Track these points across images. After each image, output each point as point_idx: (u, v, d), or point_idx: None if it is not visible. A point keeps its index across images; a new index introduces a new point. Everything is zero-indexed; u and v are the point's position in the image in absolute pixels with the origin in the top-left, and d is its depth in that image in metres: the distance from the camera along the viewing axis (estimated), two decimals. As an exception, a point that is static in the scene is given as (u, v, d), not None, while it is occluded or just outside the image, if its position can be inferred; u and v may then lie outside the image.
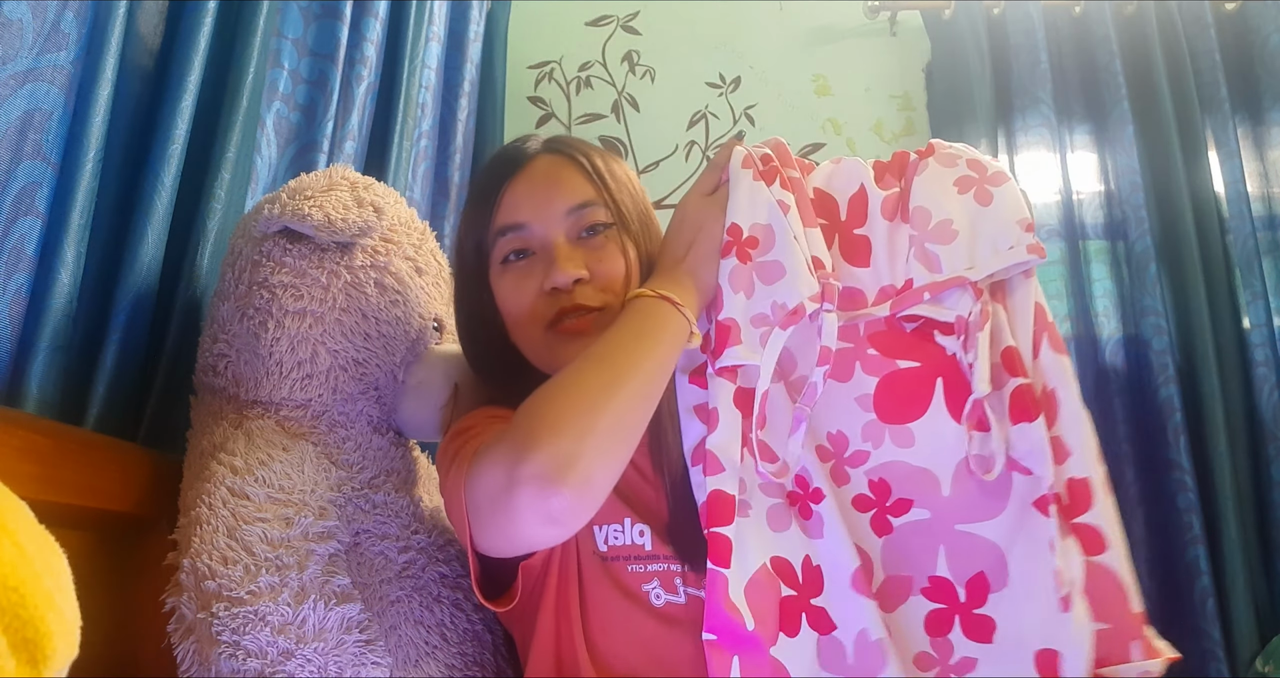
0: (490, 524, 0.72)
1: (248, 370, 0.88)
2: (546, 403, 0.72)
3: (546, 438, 0.68)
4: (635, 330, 0.77)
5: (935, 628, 0.75)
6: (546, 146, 0.94)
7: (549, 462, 0.67)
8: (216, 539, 0.74)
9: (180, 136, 0.95)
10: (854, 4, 1.95)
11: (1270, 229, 1.74)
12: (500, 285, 0.90)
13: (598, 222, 0.89)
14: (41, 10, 0.77)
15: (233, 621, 0.70)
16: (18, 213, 0.77)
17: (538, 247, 0.89)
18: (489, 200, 0.91)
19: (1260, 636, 1.54)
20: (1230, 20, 1.83)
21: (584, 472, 0.67)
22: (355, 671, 0.73)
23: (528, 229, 0.89)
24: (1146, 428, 1.67)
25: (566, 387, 0.73)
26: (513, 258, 0.89)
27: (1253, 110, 1.79)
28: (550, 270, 0.86)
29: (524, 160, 0.92)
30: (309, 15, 1.23)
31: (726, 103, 1.94)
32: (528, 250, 0.89)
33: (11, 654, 0.41)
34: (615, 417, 0.71)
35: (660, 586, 0.81)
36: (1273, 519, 1.60)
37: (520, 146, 0.94)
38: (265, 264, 0.88)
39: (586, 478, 0.68)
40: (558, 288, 0.86)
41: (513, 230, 0.89)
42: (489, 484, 0.70)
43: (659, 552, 0.82)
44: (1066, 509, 0.76)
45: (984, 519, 0.77)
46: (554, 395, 0.72)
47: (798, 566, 0.77)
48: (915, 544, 0.78)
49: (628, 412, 0.72)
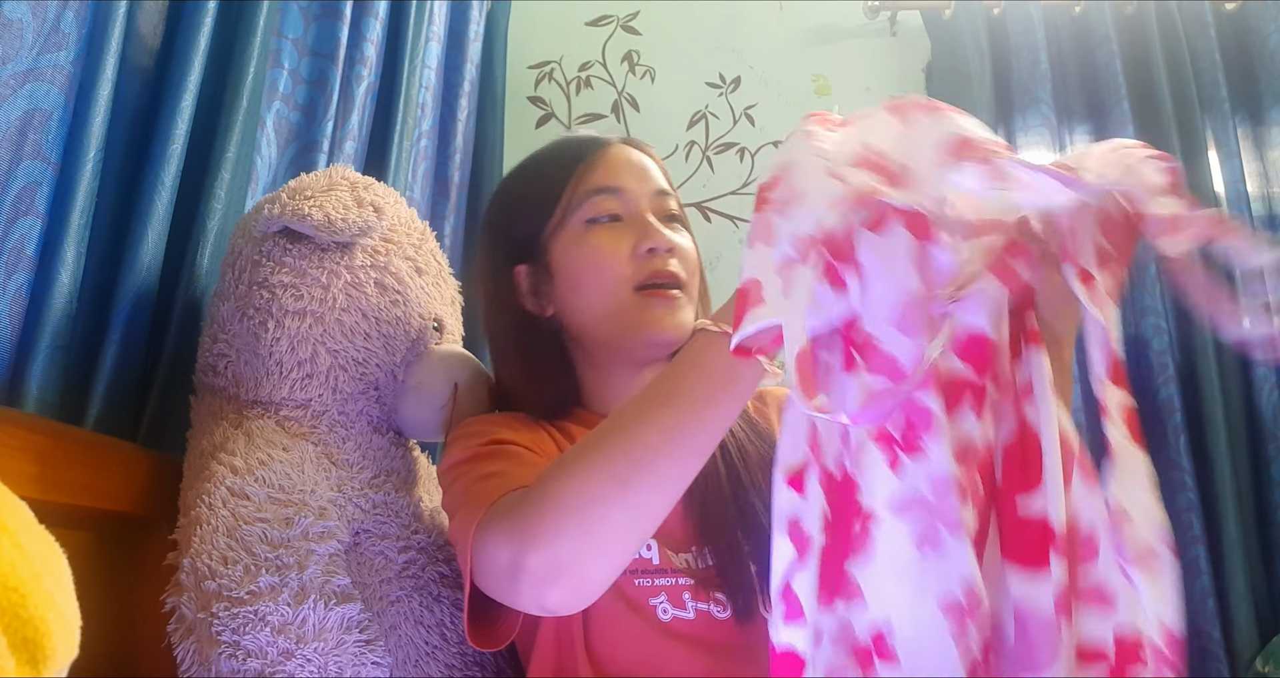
0: (493, 590, 0.71)
1: (248, 370, 0.88)
2: (559, 486, 0.66)
3: (547, 538, 0.64)
4: (687, 389, 0.64)
5: None
6: (621, 139, 0.97)
7: (546, 564, 0.64)
8: (216, 539, 0.74)
9: (180, 136, 0.95)
10: (854, 4, 1.95)
11: (1270, 229, 1.74)
12: (584, 243, 0.90)
13: (673, 211, 0.93)
14: (41, 10, 0.77)
15: (233, 620, 0.70)
16: (18, 213, 0.77)
17: (628, 214, 0.91)
18: (573, 168, 0.92)
19: (1260, 636, 1.54)
20: (1230, 20, 1.83)
21: (580, 575, 0.65)
22: (355, 671, 0.73)
23: (625, 194, 0.91)
24: (1146, 428, 1.67)
25: (584, 468, 0.66)
26: (605, 220, 0.90)
27: (1253, 110, 1.79)
28: (650, 232, 0.89)
29: (610, 142, 0.95)
30: (309, 15, 1.23)
31: (726, 103, 1.94)
32: (617, 215, 0.90)
33: (11, 654, 0.41)
34: (629, 513, 0.64)
35: (668, 600, 0.80)
36: (1273, 519, 1.60)
37: (601, 136, 0.97)
38: (265, 264, 0.88)
39: (582, 581, 0.66)
40: (654, 250, 0.88)
41: (609, 192, 0.91)
42: (493, 562, 0.69)
43: (666, 566, 0.81)
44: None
45: None
46: (568, 479, 0.66)
47: None
48: None
49: (646, 506, 0.65)
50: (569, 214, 0.91)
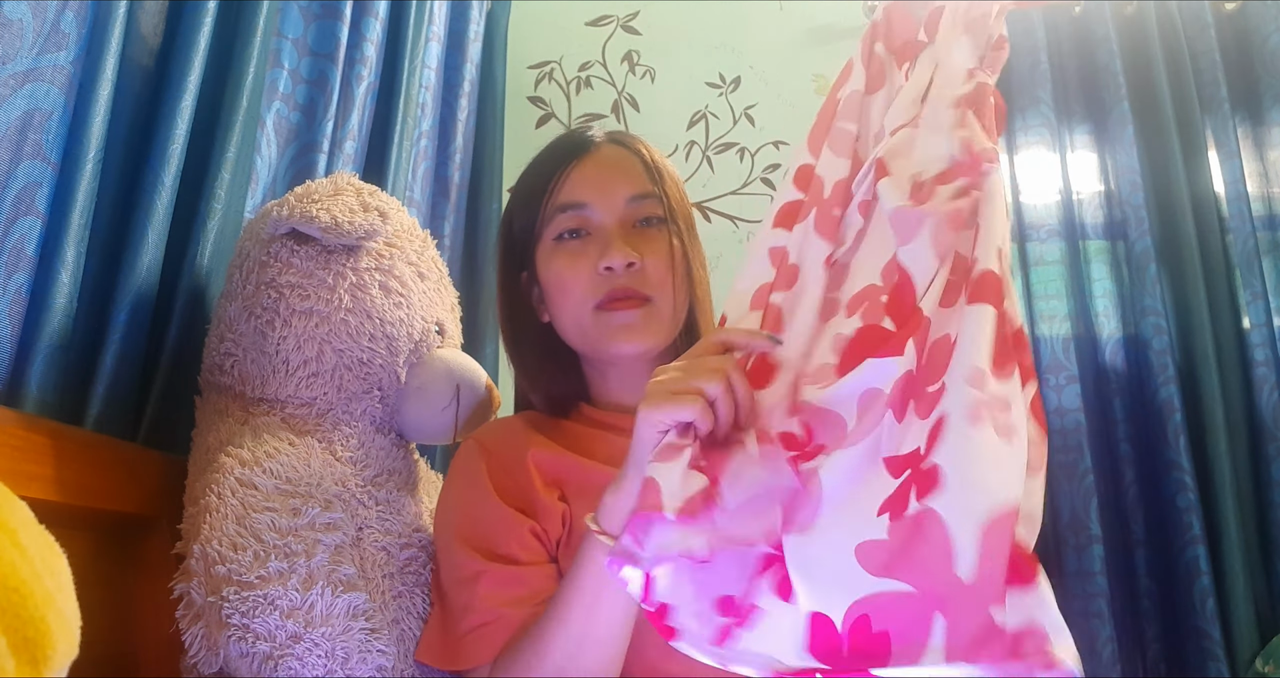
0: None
1: (254, 369, 0.89)
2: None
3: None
4: (580, 594, 0.73)
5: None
6: (610, 137, 0.97)
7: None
8: (226, 526, 0.75)
9: (180, 136, 0.95)
10: (854, 4, 1.95)
11: (1270, 229, 1.74)
12: (551, 262, 0.92)
13: (652, 215, 0.92)
14: (41, 10, 0.77)
15: (242, 604, 0.71)
16: (18, 213, 0.77)
17: (594, 228, 0.91)
18: (550, 177, 0.93)
19: (1260, 636, 1.54)
20: (1230, 20, 1.83)
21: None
22: (361, 657, 0.74)
23: (588, 209, 0.91)
24: (1146, 428, 1.68)
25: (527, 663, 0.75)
26: (567, 236, 0.91)
27: (1253, 110, 1.79)
28: (607, 251, 0.88)
29: (590, 146, 0.95)
30: (309, 15, 1.23)
31: (726, 103, 1.94)
32: (583, 231, 0.91)
33: (11, 654, 0.41)
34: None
35: None
36: (1273, 519, 1.60)
37: (586, 134, 0.97)
38: (273, 265, 0.89)
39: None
40: (612, 269, 0.88)
41: (573, 208, 0.91)
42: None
43: None
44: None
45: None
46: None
47: None
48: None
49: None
50: (542, 229, 0.93)
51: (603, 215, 0.91)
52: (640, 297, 0.89)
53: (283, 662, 0.71)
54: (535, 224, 0.93)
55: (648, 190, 0.92)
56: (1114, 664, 1.55)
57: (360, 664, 0.74)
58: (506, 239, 0.98)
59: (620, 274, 0.89)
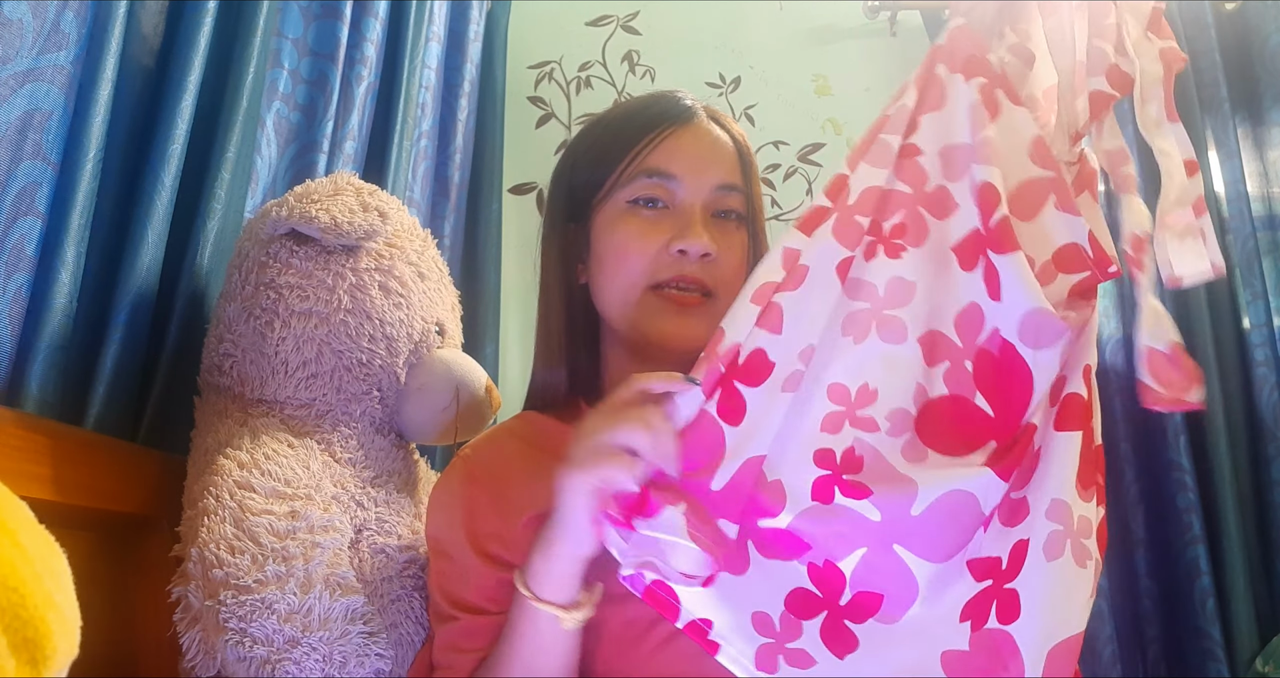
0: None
1: (253, 369, 0.89)
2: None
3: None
4: (519, 651, 0.74)
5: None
6: (709, 113, 0.91)
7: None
8: (224, 529, 0.75)
9: (180, 136, 0.95)
10: (854, 4, 1.95)
11: (1270, 229, 1.74)
12: (619, 225, 0.86)
13: (733, 209, 0.87)
14: (41, 10, 0.77)
15: (240, 608, 0.71)
16: (18, 213, 0.77)
17: (675, 203, 0.85)
18: (642, 136, 0.86)
19: (1260, 636, 1.53)
20: (1230, 20, 1.83)
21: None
22: (359, 661, 0.74)
23: (676, 182, 0.85)
24: (1146, 428, 1.67)
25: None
26: (643, 204, 0.85)
27: (1253, 110, 1.79)
28: (686, 233, 0.83)
29: (691, 117, 0.88)
30: (309, 15, 1.23)
31: (726, 103, 1.94)
32: (661, 202, 0.85)
33: (11, 654, 0.41)
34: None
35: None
36: (1273, 519, 1.60)
37: (685, 102, 0.90)
38: (272, 265, 0.89)
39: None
40: (686, 253, 0.83)
41: (660, 176, 0.85)
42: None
43: None
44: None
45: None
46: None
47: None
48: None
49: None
50: (616, 187, 0.86)
51: (689, 194, 0.85)
52: (705, 290, 0.83)
53: (280, 666, 0.71)
54: (608, 179, 0.86)
55: (735, 183, 0.87)
56: (1114, 664, 1.55)
57: (358, 668, 0.74)
58: (564, 187, 0.91)
59: (693, 261, 0.83)
